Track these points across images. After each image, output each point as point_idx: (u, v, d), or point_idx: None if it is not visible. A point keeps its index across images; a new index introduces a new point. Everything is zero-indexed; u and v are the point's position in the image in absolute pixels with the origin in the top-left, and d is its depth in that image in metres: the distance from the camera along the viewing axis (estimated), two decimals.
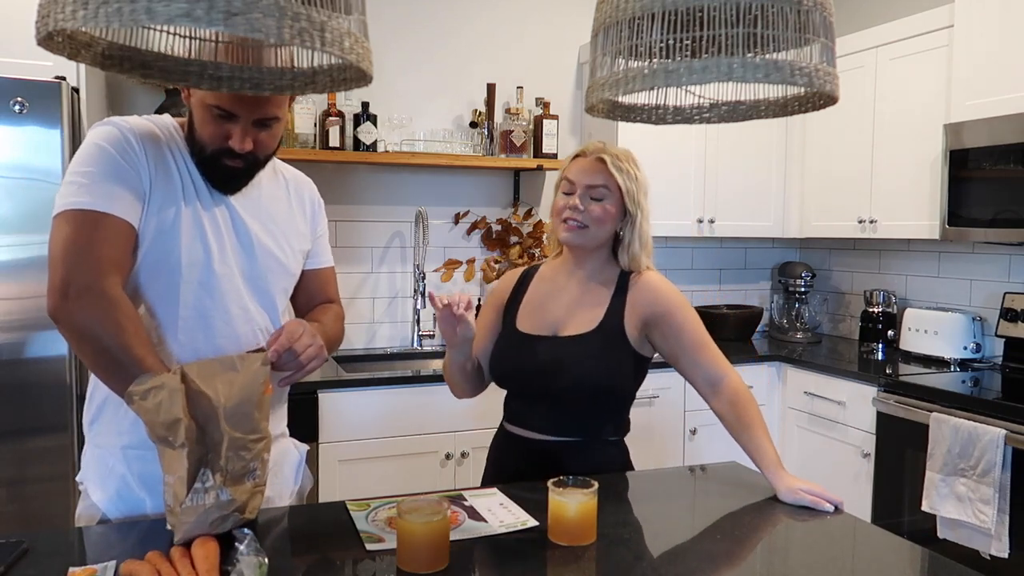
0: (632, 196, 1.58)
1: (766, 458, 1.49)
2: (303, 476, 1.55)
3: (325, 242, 1.60)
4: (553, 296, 1.66)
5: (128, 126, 1.31)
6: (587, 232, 1.58)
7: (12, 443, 2.15)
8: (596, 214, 1.57)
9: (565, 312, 1.63)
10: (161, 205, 1.31)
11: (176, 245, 1.31)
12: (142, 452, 1.32)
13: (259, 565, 1.03)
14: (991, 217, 2.61)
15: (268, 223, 1.44)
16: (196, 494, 1.16)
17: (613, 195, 1.57)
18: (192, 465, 1.15)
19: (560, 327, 1.62)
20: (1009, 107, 2.53)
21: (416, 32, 3.27)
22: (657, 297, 1.61)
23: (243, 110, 1.27)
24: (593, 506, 1.22)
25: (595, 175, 1.57)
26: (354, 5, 0.92)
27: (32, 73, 2.12)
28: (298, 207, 1.52)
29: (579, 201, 1.57)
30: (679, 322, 1.59)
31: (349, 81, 1.14)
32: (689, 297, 3.83)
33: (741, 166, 3.46)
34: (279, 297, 1.47)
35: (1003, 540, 2.24)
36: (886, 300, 3.35)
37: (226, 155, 1.31)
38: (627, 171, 1.58)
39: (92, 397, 1.38)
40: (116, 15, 0.77)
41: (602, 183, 1.57)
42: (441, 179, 3.34)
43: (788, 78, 0.99)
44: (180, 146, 1.36)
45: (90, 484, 1.38)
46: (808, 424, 3.09)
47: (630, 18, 1.02)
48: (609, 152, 1.59)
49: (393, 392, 2.64)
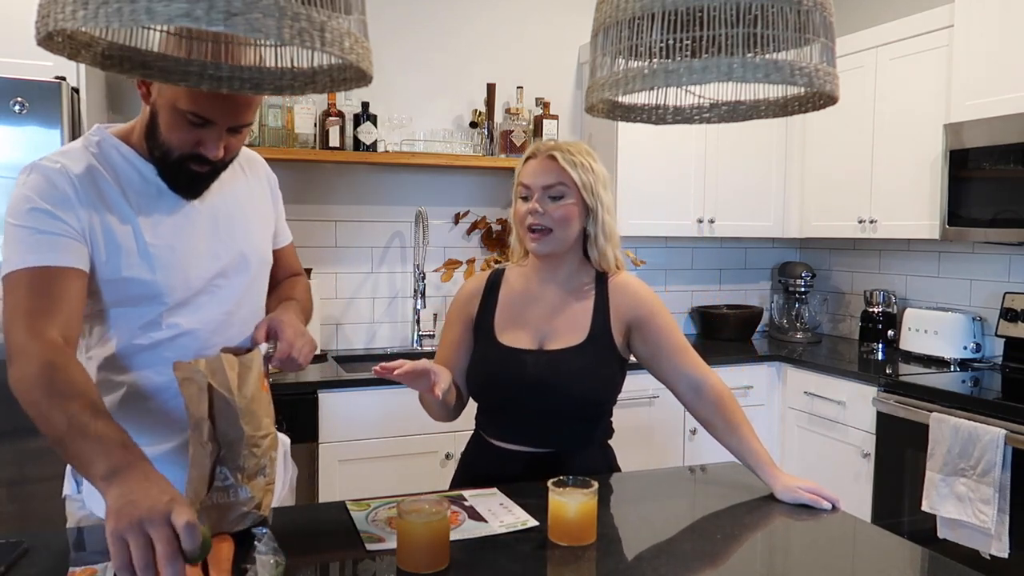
0: (590, 189, 1.52)
1: (759, 458, 1.48)
2: (290, 465, 1.57)
3: (283, 218, 1.57)
4: (529, 306, 1.59)
5: (56, 168, 1.22)
6: (554, 237, 1.52)
7: (12, 443, 2.15)
8: (558, 215, 1.51)
9: (546, 322, 1.56)
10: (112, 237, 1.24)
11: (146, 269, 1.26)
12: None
13: (276, 564, 1.03)
14: (991, 217, 2.61)
15: (236, 215, 1.39)
16: (216, 492, 1.16)
17: (572, 191, 1.51)
18: (212, 464, 1.16)
19: (545, 339, 1.55)
20: (1009, 107, 2.53)
21: (416, 32, 3.27)
22: (639, 300, 1.57)
23: (221, 117, 1.20)
24: (593, 506, 1.22)
25: (548, 174, 1.52)
26: (354, 5, 0.92)
27: (32, 73, 2.12)
28: (258, 189, 1.48)
29: (538, 204, 1.51)
30: (660, 325, 1.56)
31: (349, 81, 1.14)
32: (689, 297, 3.86)
33: (741, 166, 3.46)
34: (262, 284, 1.46)
35: (1003, 540, 2.24)
36: (886, 300, 3.35)
37: (194, 160, 1.24)
38: (581, 163, 1.52)
39: None
40: (116, 15, 0.77)
41: (557, 181, 1.51)
42: (441, 179, 3.34)
43: (788, 78, 0.99)
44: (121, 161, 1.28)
45: (89, 499, 1.34)
46: (808, 424, 3.09)
47: (630, 18, 1.02)
48: (560, 148, 1.53)
49: (393, 392, 2.63)
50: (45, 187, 1.20)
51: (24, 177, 1.22)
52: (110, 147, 1.28)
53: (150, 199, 1.29)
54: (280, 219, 1.55)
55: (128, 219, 1.26)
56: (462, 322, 1.63)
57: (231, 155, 1.30)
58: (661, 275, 3.76)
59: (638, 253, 3.60)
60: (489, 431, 1.60)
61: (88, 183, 1.23)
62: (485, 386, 1.59)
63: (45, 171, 1.21)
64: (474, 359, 1.60)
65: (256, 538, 1.07)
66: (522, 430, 1.55)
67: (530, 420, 1.54)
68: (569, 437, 1.55)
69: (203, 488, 1.15)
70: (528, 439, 1.55)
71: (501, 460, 1.55)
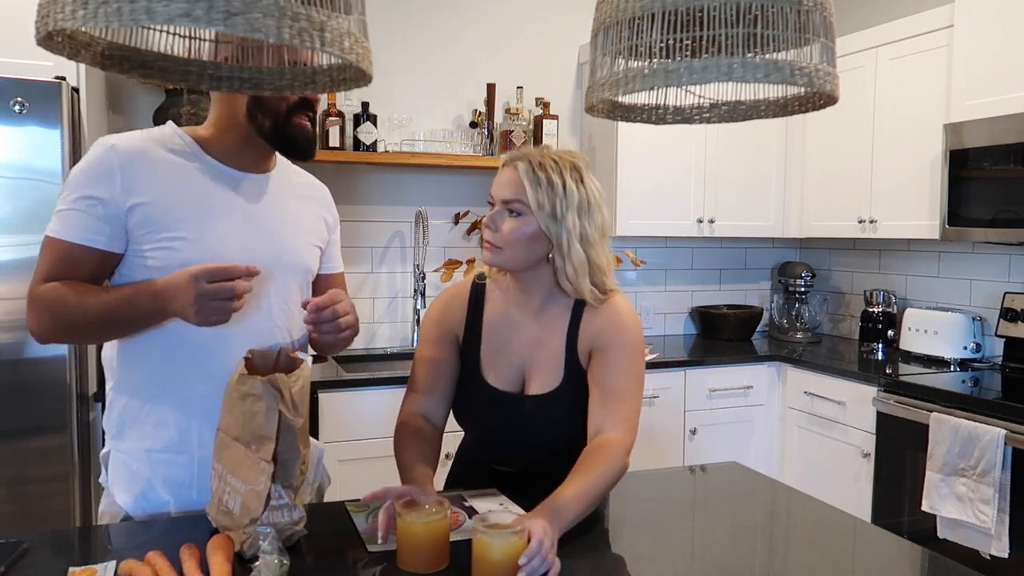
0: (547, 211, 1.33)
1: (562, 491, 1.23)
2: (322, 473, 1.59)
3: (338, 248, 1.61)
4: (511, 335, 1.47)
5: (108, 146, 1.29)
6: (503, 254, 1.37)
7: (12, 443, 2.15)
8: (507, 235, 1.35)
9: (526, 357, 1.45)
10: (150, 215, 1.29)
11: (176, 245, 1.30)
12: (166, 456, 1.34)
13: (280, 564, 1.03)
14: (991, 217, 2.61)
15: (292, 217, 1.45)
16: (272, 512, 1.15)
17: (528, 211, 1.35)
18: (268, 483, 1.15)
19: (526, 378, 1.45)
20: (1009, 107, 2.53)
21: (416, 32, 3.27)
22: (604, 329, 1.40)
23: None
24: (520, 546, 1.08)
25: (508, 187, 1.36)
26: (354, 5, 0.92)
27: (32, 73, 2.12)
28: (313, 212, 1.53)
29: (490, 219, 1.37)
30: (613, 360, 1.38)
31: (349, 81, 1.14)
32: (689, 297, 3.86)
33: (741, 166, 3.46)
34: (295, 292, 1.46)
35: (1003, 540, 2.24)
36: (886, 300, 3.35)
37: (299, 110, 1.35)
38: (547, 180, 1.33)
39: (112, 406, 1.38)
40: (116, 15, 0.77)
41: (514, 197, 1.35)
42: (441, 179, 3.34)
43: (788, 78, 0.99)
44: (181, 147, 1.35)
45: (115, 487, 1.38)
46: (808, 424, 3.09)
47: (630, 18, 1.02)
48: (531, 157, 1.36)
49: (393, 392, 2.63)
50: (93, 163, 1.28)
51: (89, 151, 1.31)
52: (174, 135, 1.37)
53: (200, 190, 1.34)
54: (333, 247, 1.58)
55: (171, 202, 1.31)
56: (448, 342, 1.50)
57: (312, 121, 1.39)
58: (661, 275, 3.77)
59: (638, 253, 3.60)
60: (480, 453, 1.56)
61: (136, 162, 1.29)
62: (471, 425, 1.54)
63: (98, 148, 1.30)
64: (461, 397, 1.50)
65: (261, 537, 1.07)
66: (510, 458, 1.51)
67: (520, 451, 1.49)
68: (556, 461, 1.45)
69: (258, 506, 1.14)
70: (516, 464, 1.50)
71: (493, 473, 1.51)
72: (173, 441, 1.33)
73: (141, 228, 1.28)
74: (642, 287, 3.72)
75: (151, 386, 1.33)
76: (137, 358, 1.34)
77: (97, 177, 1.27)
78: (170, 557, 1.08)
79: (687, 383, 3.10)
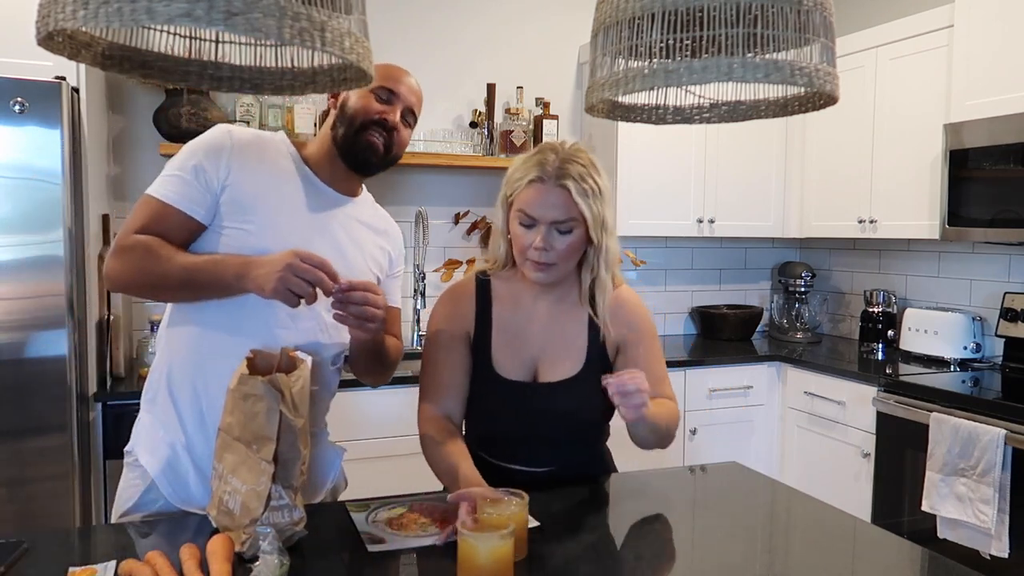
0: (599, 221, 1.39)
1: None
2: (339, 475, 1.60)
3: (398, 285, 1.63)
4: (523, 325, 1.50)
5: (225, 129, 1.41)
6: (557, 268, 1.41)
7: (12, 443, 2.15)
8: (563, 252, 1.39)
9: (540, 347, 1.48)
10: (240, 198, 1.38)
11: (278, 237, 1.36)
12: (195, 428, 1.38)
13: (280, 564, 1.03)
14: (991, 217, 2.61)
15: (358, 241, 1.50)
16: (272, 512, 1.15)
17: (580, 223, 1.38)
18: (269, 483, 1.15)
19: (540, 367, 1.48)
20: (1009, 107, 2.53)
21: (416, 32, 3.27)
22: (633, 320, 1.49)
23: (399, 90, 1.47)
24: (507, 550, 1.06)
25: (558, 208, 1.36)
26: (354, 5, 0.92)
27: (32, 73, 2.12)
28: (378, 247, 1.56)
29: (543, 241, 1.37)
30: (645, 352, 1.48)
31: (349, 81, 1.14)
32: (689, 297, 3.86)
33: (741, 166, 3.46)
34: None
35: (1003, 540, 2.24)
36: (886, 300, 3.35)
37: (373, 127, 1.42)
38: (591, 190, 1.37)
39: (152, 375, 1.45)
40: (116, 15, 0.77)
41: (567, 216, 1.37)
42: (441, 179, 3.34)
43: (788, 78, 0.99)
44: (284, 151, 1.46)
45: (140, 449, 1.42)
46: (808, 424, 3.09)
47: (630, 18, 1.02)
48: (570, 174, 1.36)
49: (393, 392, 2.63)
50: (208, 139, 1.39)
51: (208, 131, 1.42)
52: (281, 142, 1.48)
53: (286, 190, 1.42)
54: (392, 281, 1.61)
55: (258, 192, 1.39)
56: (460, 340, 1.50)
57: (397, 148, 1.47)
58: (661, 275, 3.77)
59: (638, 253, 3.60)
60: (484, 451, 1.53)
61: (245, 150, 1.40)
62: (482, 419, 1.53)
63: (217, 130, 1.41)
64: (473, 392, 1.50)
65: (261, 536, 1.07)
66: (519, 453, 1.51)
67: (528, 445, 1.50)
68: (568, 456, 1.52)
69: (259, 507, 1.14)
70: (526, 461, 1.51)
71: (499, 476, 1.47)
72: (201, 413, 1.37)
73: (227, 206, 1.36)
74: (642, 287, 3.72)
75: (192, 364, 1.38)
76: (187, 335, 1.40)
77: (209, 151, 1.37)
78: (170, 557, 1.08)
79: (687, 383, 3.10)
